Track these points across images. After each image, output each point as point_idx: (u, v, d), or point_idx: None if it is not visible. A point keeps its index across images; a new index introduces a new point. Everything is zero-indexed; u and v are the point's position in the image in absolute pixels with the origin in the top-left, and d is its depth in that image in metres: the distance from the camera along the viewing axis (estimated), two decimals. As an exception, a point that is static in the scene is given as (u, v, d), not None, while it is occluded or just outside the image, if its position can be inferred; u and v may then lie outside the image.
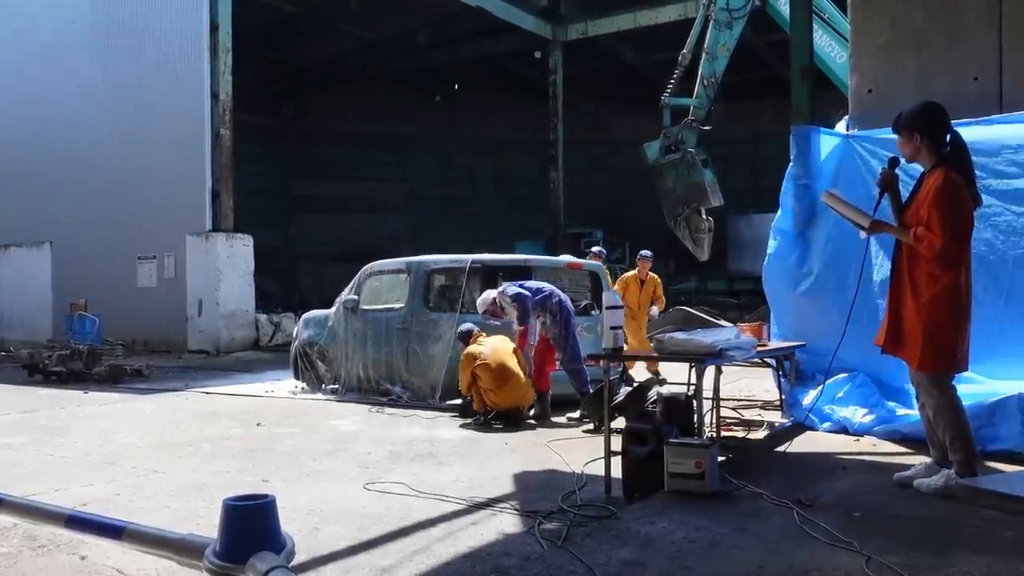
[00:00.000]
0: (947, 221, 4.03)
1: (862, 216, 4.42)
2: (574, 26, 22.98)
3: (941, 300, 4.12)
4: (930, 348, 4.14)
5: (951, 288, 4.13)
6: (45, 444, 6.80)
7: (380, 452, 6.18)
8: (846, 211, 4.51)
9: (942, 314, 4.13)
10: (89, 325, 13.02)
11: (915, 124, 4.29)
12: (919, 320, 4.15)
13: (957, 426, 4.15)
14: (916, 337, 4.17)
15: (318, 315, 10.33)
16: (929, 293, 4.13)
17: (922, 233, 4.08)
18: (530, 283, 8.08)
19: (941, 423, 4.19)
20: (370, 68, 26.58)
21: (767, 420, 6.92)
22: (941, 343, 4.15)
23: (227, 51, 16.51)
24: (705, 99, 12.01)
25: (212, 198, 16.54)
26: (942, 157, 4.25)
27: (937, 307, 4.12)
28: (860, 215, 4.43)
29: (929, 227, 4.06)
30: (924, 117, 4.31)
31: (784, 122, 7.63)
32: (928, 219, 4.08)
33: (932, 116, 4.32)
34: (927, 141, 4.26)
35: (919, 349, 4.17)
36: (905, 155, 4.41)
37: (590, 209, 27.90)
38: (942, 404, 4.18)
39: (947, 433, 4.17)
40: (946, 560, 3.27)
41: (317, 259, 27.07)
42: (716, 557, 3.41)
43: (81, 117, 19.21)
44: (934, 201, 4.08)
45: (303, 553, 3.74)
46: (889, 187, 4.42)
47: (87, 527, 1.59)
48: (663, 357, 5.04)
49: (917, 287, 4.18)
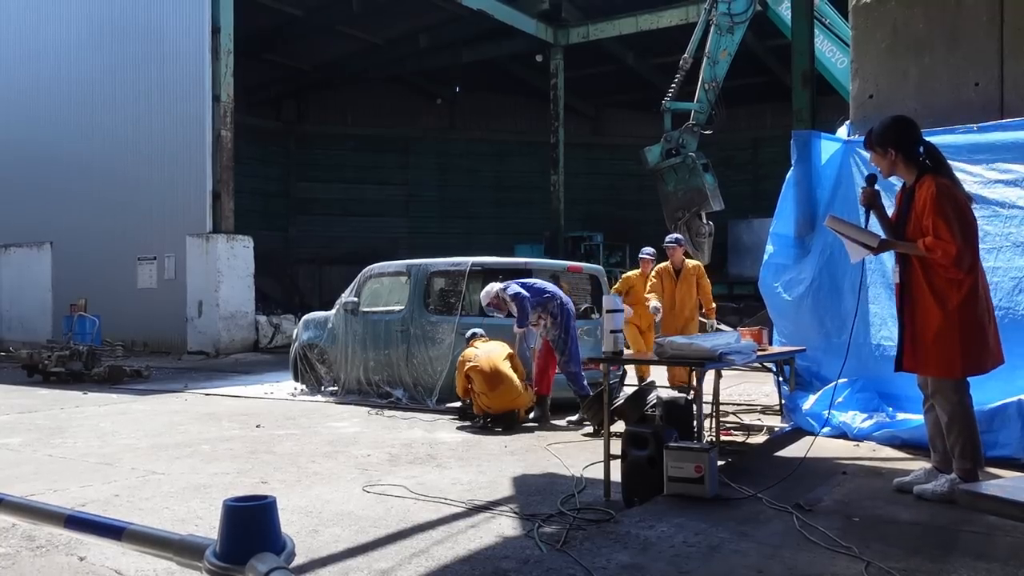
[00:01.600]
0: (953, 225, 4.01)
1: (869, 236, 4.35)
2: (575, 29, 23.01)
3: (971, 301, 4.08)
4: (961, 353, 4.09)
5: (976, 289, 4.11)
6: (44, 444, 6.80)
7: (379, 454, 6.18)
8: (852, 233, 4.42)
9: (974, 315, 4.09)
10: (89, 326, 13.03)
11: (887, 140, 4.28)
12: (951, 327, 4.07)
13: (969, 433, 4.12)
14: (945, 345, 4.09)
15: (318, 317, 10.33)
16: (957, 299, 4.07)
17: (932, 243, 4.04)
18: (535, 282, 8.04)
19: (955, 430, 4.14)
20: (371, 71, 26.61)
21: (767, 424, 6.92)
22: (973, 346, 4.10)
23: (228, 53, 16.55)
24: (706, 103, 12.03)
25: (213, 199, 16.56)
26: (922, 166, 4.25)
27: (970, 309, 4.08)
28: (867, 235, 4.36)
29: (938, 235, 4.02)
30: (894, 131, 4.30)
31: (785, 127, 7.64)
32: (934, 227, 4.05)
33: (901, 129, 4.31)
34: (902, 155, 4.26)
35: (943, 358, 4.10)
36: (882, 171, 4.40)
37: (590, 212, 27.96)
38: (959, 411, 4.13)
39: (958, 441, 4.12)
40: (945, 566, 3.27)
41: (317, 261, 27.10)
42: (715, 561, 3.40)
43: (82, 118, 19.23)
44: (935, 209, 4.05)
45: (302, 555, 3.74)
46: (873, 204, 4.40)
47: (87, 527, 1.59)
48: (663, 361, 5.03)
49: (942, 297, 4.10)
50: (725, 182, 13.58)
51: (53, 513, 1.59)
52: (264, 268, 18.93)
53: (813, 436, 5.39)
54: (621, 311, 5.32)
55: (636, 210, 28.71)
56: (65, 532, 1.68)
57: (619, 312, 5.36)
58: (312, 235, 28.20)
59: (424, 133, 29.92)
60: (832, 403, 5.81)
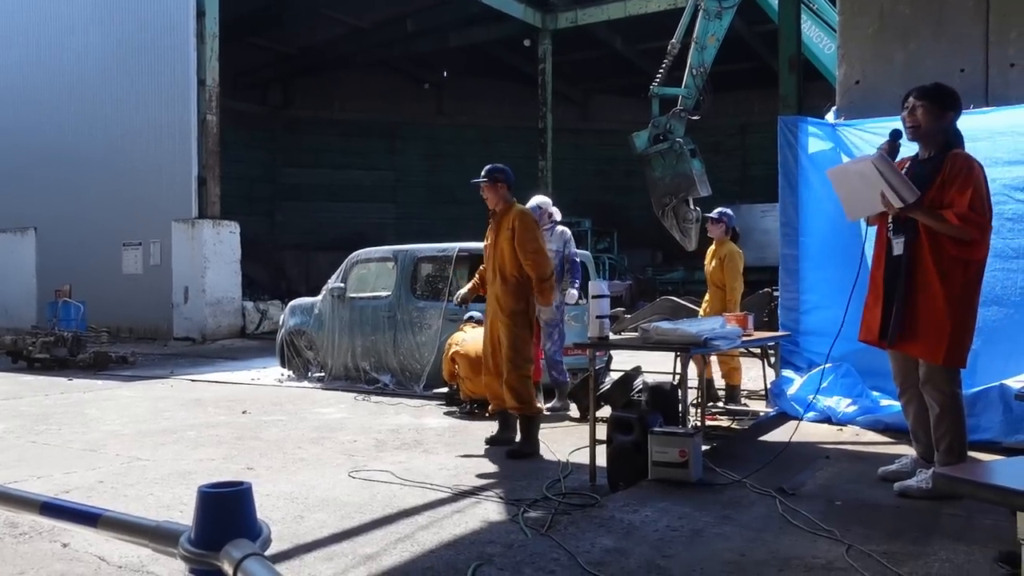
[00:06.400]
0: (986, 203, 3.86)
1: (909, 189, 3.88)
2: (564, 14, 22.92)
3: (973, 287, 3.92)
4: (957, 342, 3.91)
5: (979, 274, 3.95)
6: (28, 431, 6.76)
7: (366, 440, 6.18)
8: (894, 180, 3.90)
9: (974, 302, 3.93)
10: (73, 312, 12.94)
11: (948, 104, 4.04)
12: (949, 311, 3.85)
13: (957, 429, 3.99)
14: (941, 330, 3.89)
15: (305, 303, 10.30)
16: (961, 281, 3.87)
17: (967, 214, 3.80)
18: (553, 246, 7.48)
19: (944, 422, 3.98)
20: (358, 55, 26.45)
21: (752, 409, 6.97)
22: (968, 335, 3.95)
23: (214, 37, 16.40)
24: (694, 89, 12.00)
25: (198, 185, 16.45)
26: (951, 141, 4.06)
27: (970, 295, 3.90)
28: (907, 187, 3.89)
29: (973, 208, 3.80)
30: (956, 100, 4.07)
31: (772, 112, 7.63)
32: (971, 201, 3.81)
33: (959, 103, 4.10)
34: (945, 124, 4.03)
35: (944, 342, 3.90)
36: (919, 127, 4.04)
37: (578, 198, 27.94)
38: (950, 403, 3.98)
39: (947, 435, 3.98)
40: (926, 548, 3.30)
41: (304, 247, 27.01)
42: (698, 545, 3.42)
43: (66, 103, 19.05)
44: (972, 183, 3.85)
45: (286, 540, 3.74)
46: None
47: (62, 514, 1.57)
48: (648, 347, 5.04)
49: (948, 277, 3.87)
50: (713, 168, 13.57)
51: (28, 500, 1.57)
52: (251, 254, 18.85)
53: (798, 421, 5.42)
54: (607, 296, 5.31)
55: (624, 196, 28.75)
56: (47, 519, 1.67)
57: (605, 298, 5.36)
58: (299, 221, 28.09)
59: (411, 118, 29.78)
60: (819, 388, 5.84)
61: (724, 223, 7.47)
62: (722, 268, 7.31)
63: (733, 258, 7.33)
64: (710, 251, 7.57)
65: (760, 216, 23.05)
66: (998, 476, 2.05)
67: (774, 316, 8.81)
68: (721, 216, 7.52)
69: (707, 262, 7.58)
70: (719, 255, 7.40)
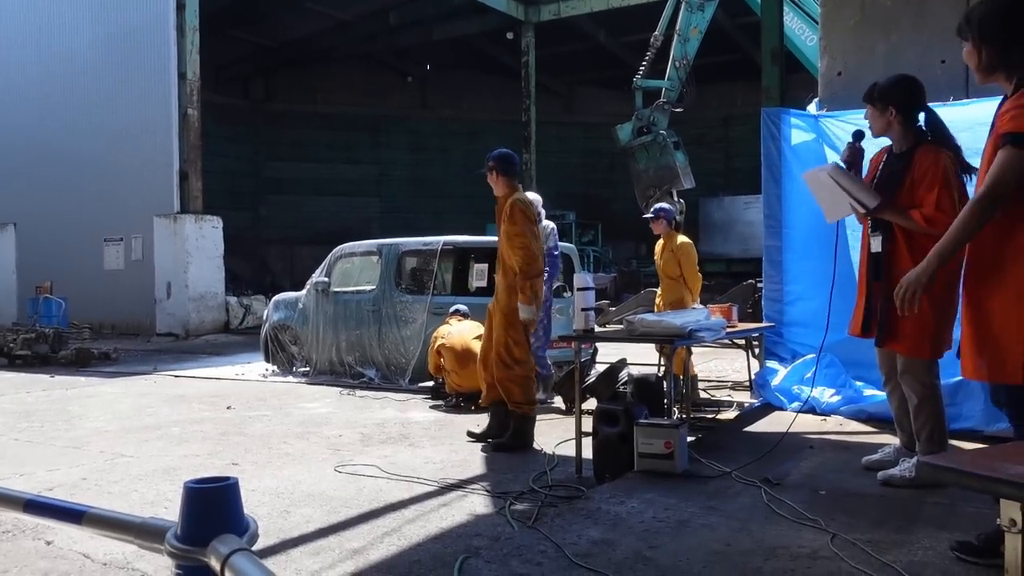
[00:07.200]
0: (955, 202, 3.79)
1: (870, 195, 3.94)
2: (547, 7, 22.88)
3: (954, 281, 3.80)
4: (941, 335, 3.93)
5: (958, 266, 3.77)
6: (10, 429, 6.70)
7: (351, 434, 6.17)
8: (853, 188, 3.98)
9: (954, 294, 3.84)
10: (55, 308, 12.86)
11: (890, 97, 4.03)
12: (931, 307, 3.81)
13: (936, 419, 4.02)
14: (925, 326, 3.89)
15: (289, 297, 10.26)
16: (943, 279, 3.72)
17: (935, 215, 3.77)
18: None
19: (923, 413, 4.02)
20: (341, 48, 26.29)
21: (737, 400, 7.00)
22: (949, 327, 3.93)
23: (194, 30, 16.27)
24: (677, 81, 12.05)
25: (180, 179, 16.34)
26: (918, 134, 4.04)
27: (950, 290, 3.82)
28: (868, 194, 3.94)
29: (940, 208, 3.78)
30: (899, 91, 4.04)
31: (755, 104, 7.66)
32: (938, 200, 3.81)
33: (908, 90, 4.06)
34: (900, 117, 4.02)
35: (928, 338, 3.92)
36: (873, 129, 4.15)
37: (562, 191, 27.94)
38: (928, 394, 4.00)
39: (927, 425, 4.01)
40: (909, 536, 3.33)
41: (288, 241, 26.87)
42: (684, 535, 3.44)
43: (45, 98, 18.85)
44: (942, 182, 3.83)
45: (273, 536, 3.73)
46: (854, 162, 4.20)
47: (46, 512, 1.56)
48: (634, 339, 5.05)
49: None
50: (696, 160, 13.63)
51: (11, 498, 1.56)
52: (234, 248, 18.74)
53: (783, 411, 5.46)
54: (592, 289, 5.32)
55: (608, 188, 28.78)
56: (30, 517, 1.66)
57: (590, 290, 5.37)
58: (282, 215, 27.93)
59: (395, 112, 29.65)
60: (803, 378, 5.88)
61: (663, 218, 7.51)
62: (675, 260, 7.32)
63: (686, 248, 7.31)
64: (659, 245, 7.57)
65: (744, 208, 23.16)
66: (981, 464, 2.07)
67: (758, 307, 8.85)
68: (658, 213, 7.57)
69: (657, 256, 7.61)
70: (670, 247, 7.40)
